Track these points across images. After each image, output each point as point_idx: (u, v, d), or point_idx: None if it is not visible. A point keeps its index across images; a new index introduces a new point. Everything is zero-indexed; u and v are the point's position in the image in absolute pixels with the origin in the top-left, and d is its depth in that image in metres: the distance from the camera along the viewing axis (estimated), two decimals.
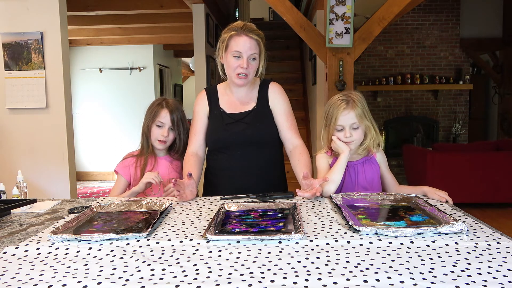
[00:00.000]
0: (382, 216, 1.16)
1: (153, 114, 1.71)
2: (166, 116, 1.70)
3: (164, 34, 5.83)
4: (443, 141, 6.60)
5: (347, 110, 1.45)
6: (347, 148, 1.46)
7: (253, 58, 1.54)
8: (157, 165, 1.72)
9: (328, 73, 3.19)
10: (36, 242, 0.98)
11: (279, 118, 1.64)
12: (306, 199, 1.35)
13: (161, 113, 1.70)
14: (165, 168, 1.72)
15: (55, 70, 3.13)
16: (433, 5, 6.38)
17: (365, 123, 1.48)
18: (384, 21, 3.10)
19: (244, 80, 1.56)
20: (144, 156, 1.73)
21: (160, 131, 1.70)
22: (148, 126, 1.72)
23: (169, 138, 1.71)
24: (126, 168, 1.72)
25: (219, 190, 1.56)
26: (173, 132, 1.72)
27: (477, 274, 0.76)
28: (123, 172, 1.71)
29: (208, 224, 1.04)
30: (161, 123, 1.69)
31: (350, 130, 1.46)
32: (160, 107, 1.71)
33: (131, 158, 1.74)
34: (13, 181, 1.75)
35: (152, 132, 1.71)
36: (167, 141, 1.72)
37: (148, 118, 1.72)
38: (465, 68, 6.49)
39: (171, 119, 1.70)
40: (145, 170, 1.68)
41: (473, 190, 4.47)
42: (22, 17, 3.11)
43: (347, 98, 1.48)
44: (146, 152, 1.73)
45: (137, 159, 1.73)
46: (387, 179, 1.56)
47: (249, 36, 1.52)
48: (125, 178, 1.71)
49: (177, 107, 1.74)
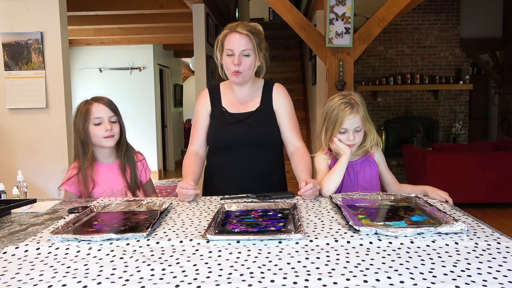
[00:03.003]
0: (382, 216, 1.16)
1: (84, 114, 1.52)
2: (100, 109, 1.53)
3: (164, 34, 5.83)
4: (443, 141, 6.60)
5: (352, 115, 1.44)
6: (349, 149, 1.46)
7: (246, 54, 1.51)
8: (99, 174, 1.56)
9: (328, 73, 3.19)
10: (36, 242, 0.98)
11: (282, 120, 1.63)
12: (306, 199, 1.35)
13: (93, 108, 1.52)
14: (112, 175, 1.57)
15: (55, 70, 3.13)
16: (433, 5, 6.38)
17: (367, 125, 1.48)
18: (384, 21, 3.10)
19: (239, 78, 1.55)
20: (82, 168, 1.53)
21: (102, 126, 1.52)
22: (84, 130, 1.52)
23: (115, 130, 1.55)
24: (74, 185, 1.55)
25: (219, 190, 1.56)
26: (116, 124, 1.56)
27: (477, 274, 0.76)
28: (72, 189, 1.56)
29: (208, 224, 1.04)
30: (99, 118, 1.52)
31: (353, 134, 1.46)
32: (89, 105, 1.54)
33: (75, 173, 1.55)
34: (13, 181, 1.75)
35: (93, 133, 1.53)
36: (115, 135, 1.55)
37: (81, 121, 1.52)
38: (465, 68, 6.49)
39: (108, 109, 1.54)
40: (88, 182, 1.52)
41: (473, 190, 4.47)
42: (22, 17, 3.11)
43: (350, 100, 1.46)
44: (83, 163, 1.53)
45: (77, 176, 1.54)
46: (386, 178, 1.56)
47: (239, 32, 1.50)
48: (75, 194, 1.56)
49: (106, 98, 1.58)
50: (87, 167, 1.54)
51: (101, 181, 1.56)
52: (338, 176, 1.43)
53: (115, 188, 1.57)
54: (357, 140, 1.47)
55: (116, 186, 1.57)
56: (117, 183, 1.58)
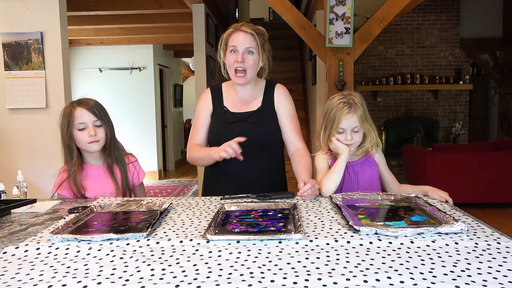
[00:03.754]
0: (382, 216, 1.16)
1: (67, 119, 1.49)
2: (83, 114, 1.49)
3: (164, 34, 5.83)
4: (443, 141, 6.61)
5: (350, 114, 1.44)
6: (347, 149, 1.46)
7: (249, 52, 1.53)
8: (89, 176, 1.55)
9: (328, 73, 3.19)
10: (36, 242, 0.98)
11: (284, 120, 1.64)
12: (306, 199, 1.35)
13: (75, 113, 1.49)
14: (101, 177, 1.56)
15: (55, 70, 3.13)
16: (433, 5, 6.39)
17: (365, 126, 1.48)
18: (384, 21, 3.10)
19: (242, 78, 1.55)
20: (71, 171, 1.51)
21: (86, 132, 1.49)
22: (69, 135, 1.49)
23: (100, 135, 1.51)
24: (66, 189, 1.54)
25: (219, 190, 1.56)
26: (101, 128, 1.52)
27: (477, 274, 0.76)
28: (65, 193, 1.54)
29: (208, 224, 1.04)
30: (82, 124, 1.49)
31: (351, 133, 1.46)
32: (72, 109, 1.50)
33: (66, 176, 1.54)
34: (13, 181, 1.75)
35: (77, 139, 1.50)
36: (100, 139, 1.51)
37: (65, 126, 1.49)
38: (465, 68, 6.50)
39: (92, 114, 1.50)
40: (79, 185, 1.51)
41: (473, 190, 4.47)
42: (22, 17, 3.11)
43: (349, 100, 1.46)
44: (72, 167, 1.51)
45: (68, 179, 1.52)
46: (386, 178, 1.56)
47: (244, 30, 1.53)
48: (68, 197, 1.54)
49: (92, 101, 1.54)
50: (76, 170, 1.51)
51: (91, 183, 1.54)
52: (337, 176, 1.43)
53: (106, 190, 1.55)
54: (355, 140, 1.47)
55: (107, 189, 1.55)
56: (107, 186, 1.56)
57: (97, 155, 1.58)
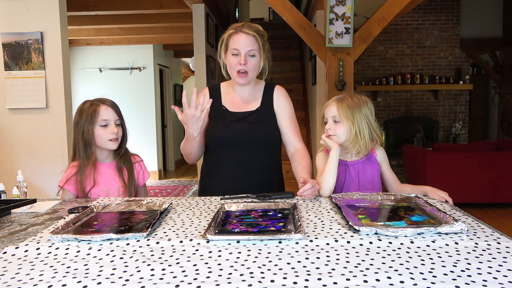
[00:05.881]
0: (382, 216, 1.16)
1: (91, 115, 1.53)
2: (108, 111, 1.55)
3: (164, 34, 5.83)
4: (443, 141, 6.61)
5: (332, 103, 1.51)
6: (335, 144, 1.47)
7: (252, 54, 1.53)
8: (99, 174, 1.57)
9: (328, 73, 3.19)
10: (36, 242, 0.98)
11: (283, 121, 1.64)
12: (306, 199, 1.35)
13: (101, 110, 1.54)
14: (109, 174, 1.59)
15: (55, 70, 3.13)
16: (433, 5, 6.39)
17: (355, 124, 1.46)
18: (384, 21, 3.10)
19: (244, 78, 1.55)
20: (82, 168, 1.53)
21: (108, 129, 1.54)
22: (89, 131, 1.52)
23: (119, 134, 1.58)
24: (72, 185, 1.55)
25: (216, 190, 1.55)
26: (120, 127, 1.58)
27: (477, 274, 0.76)
28: (71, 188, 1.56)
29: (208, 224, 1.04)
30: (105, 120, 1.54)
31: (331, 123, 1.49)
32: (96, 106, 1.54)
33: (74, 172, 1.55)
34: (13, 181, 1.75)
35: (98, 135, 1.53)
36: (119, 137, 1.58)
37: (87, 122, 1.53)
38: (465, 68, 6.50)
39: (115, 112, 1.57)
40: (85, 183, 1.53)
41: (473, 190, 4.47)
42: (22, 17, 3.11)
43: (341, 96, 1.52)
44: (84, 165, 1.54)
45: (76, 175, 1.54)
46: (388, 177, 1.56)
47: (245, 32, 1.52)
48: (72, 193, 1.56)
49: (112, 101, 1.60)
50: (89, 167, 1.55)
51: (100, 180, 1.58)
52: (332, 174, 1.43)
53: (112, 188, 1.58)
54: (336, 132, 1.48)
55: (113, 186, 1.58)
56: (114, 183, 1.59)
57: (108, 152, 1.61)
